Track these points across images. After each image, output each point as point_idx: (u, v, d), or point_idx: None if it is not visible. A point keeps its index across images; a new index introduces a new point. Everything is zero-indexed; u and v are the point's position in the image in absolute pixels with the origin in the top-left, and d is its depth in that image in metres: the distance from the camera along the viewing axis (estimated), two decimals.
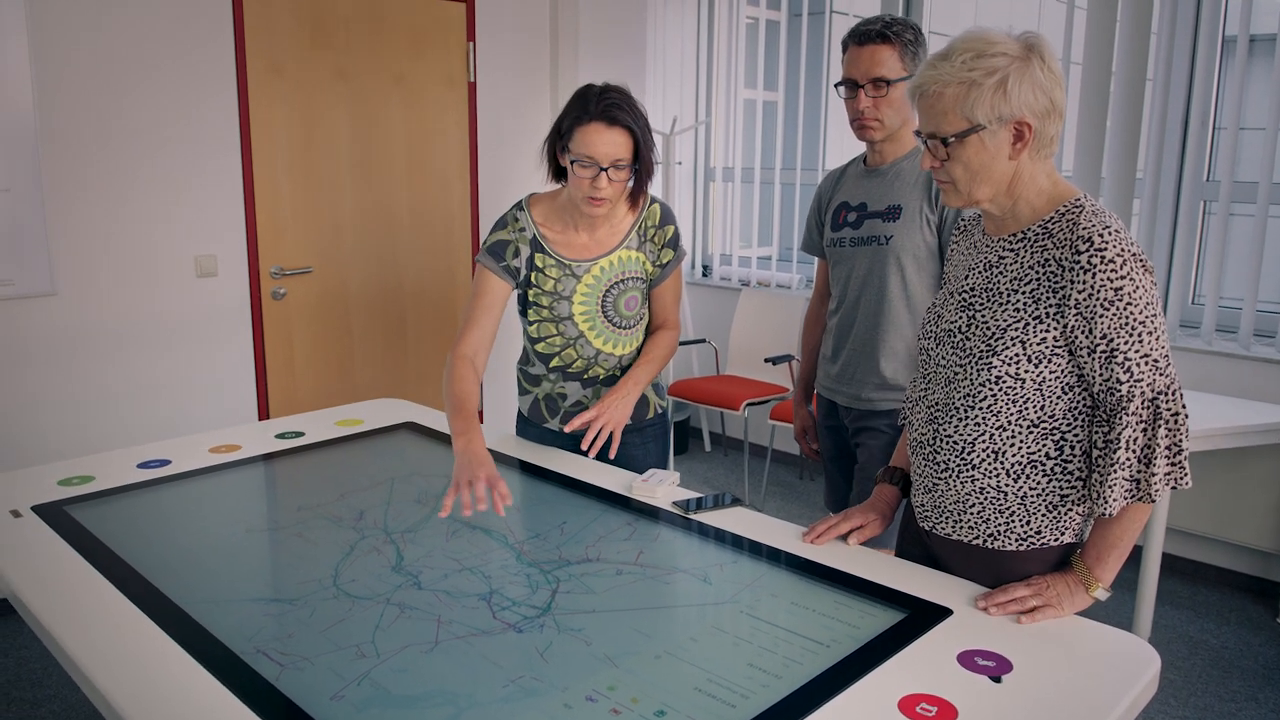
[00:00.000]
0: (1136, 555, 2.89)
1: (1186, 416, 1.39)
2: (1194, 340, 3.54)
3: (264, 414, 3.74)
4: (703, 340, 5.01)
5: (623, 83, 2.05)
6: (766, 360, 4.45)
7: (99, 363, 3.33)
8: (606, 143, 1.95)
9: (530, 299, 2.18)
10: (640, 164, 2.02)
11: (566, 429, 2.07)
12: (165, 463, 2.18)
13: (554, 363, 2.22)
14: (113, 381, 3.36)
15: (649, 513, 1.88)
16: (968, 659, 1.33)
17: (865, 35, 2.10)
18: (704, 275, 5.26)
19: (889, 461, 2.07)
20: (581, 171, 1.98)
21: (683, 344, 4.94)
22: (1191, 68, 3.51)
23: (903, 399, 2.08)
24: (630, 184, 2.07)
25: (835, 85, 2.18)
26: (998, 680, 1.28)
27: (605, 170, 1.96)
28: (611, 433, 2.05)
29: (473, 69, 4.16)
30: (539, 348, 2.23)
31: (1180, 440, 1.39)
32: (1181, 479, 1.40)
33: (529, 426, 2.36)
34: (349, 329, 3.95)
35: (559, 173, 2.10)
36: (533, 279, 2.15)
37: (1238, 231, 3.50)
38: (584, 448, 2.06)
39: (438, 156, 4.12)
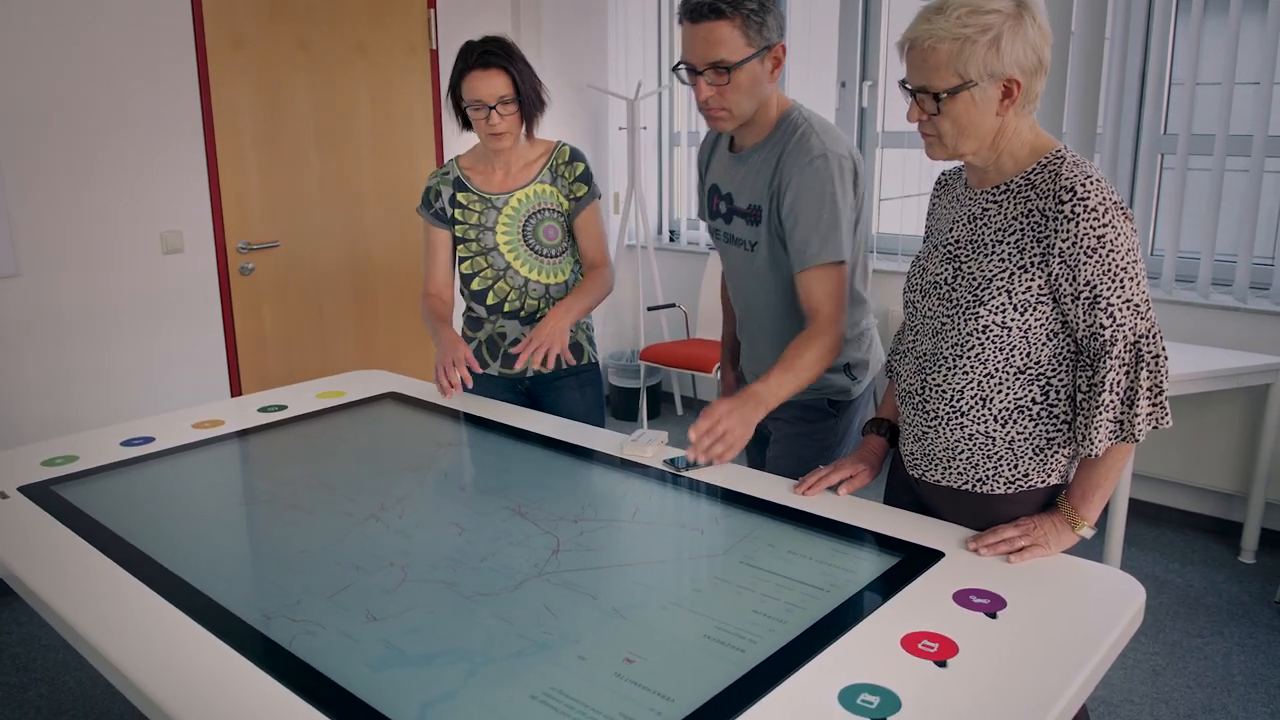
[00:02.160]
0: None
1: (1166, 359, 1.44)
2: (1154, 290, 3.62)
3: (236, 390, 3.71)
4: (672, 305, 5.03)
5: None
6: None
7: (66, 343, 3.27)
8: (486, 85, 2.23)
9: (458, 235, 2.42)
10: (522, 98, 2.26)
11: (516, 365, 2.27)
12: (149, 440, 2.17)
13: (489, 299, 2.42)
14: (81, 362, 3.31)
15: (640, 471, 1.91)
16: (963, 597, 1.38)
17: (698, 10, 1.75)
18: (671, 240, 5.27)
19: (797, 450, 2.07)
20: (476, 115, 2.27)
21: (652, 309, 4.97)
22: (1148, 24, 3.56)
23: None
24: (523, 120, 2.31)
25: (673, 68, 1.92)
26: (993, 616, 1.33)
27: (493, 108, 2.24)
28: (551, 349, 2.22)
29: (434, 36, 4.11)
30: (474, 285, 2.43)
31: (1161, 381, 1.44)
32: (1163, 419, 1.45)
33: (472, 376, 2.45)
34: (319, 302, 3.92)
35: (467, 123, 2.35)
36: (457, 215, 2.41)
37: (1195, 184, 3.58)
38: (518, 366, 2.28)
39: (401, 125, 4.08)
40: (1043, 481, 1.56)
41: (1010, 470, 1.56)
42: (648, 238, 4.97)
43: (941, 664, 1.22)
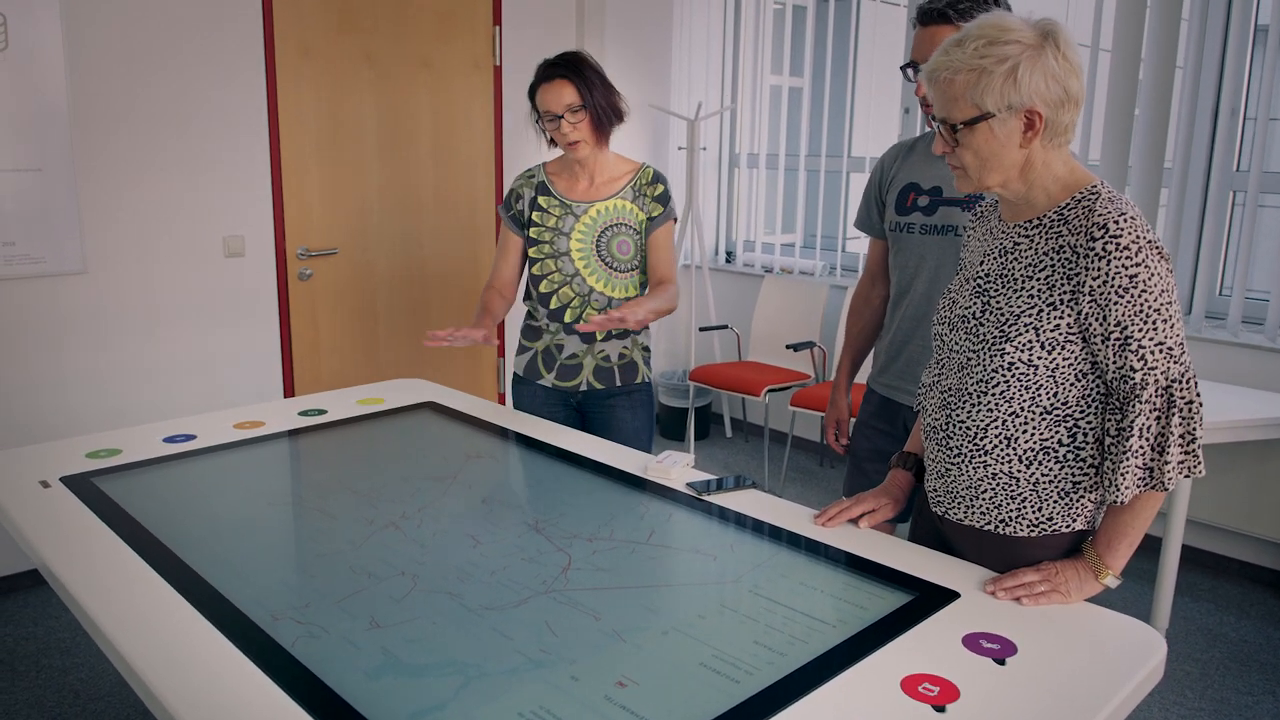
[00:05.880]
0: (1156, 547, 2.87)
1: (1201, 405, 1.39)
2: (1219, 332, 3.50)
3: (289, 392, 3.79)
4: (725, 326, 5.01)
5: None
6: (788, 347, 4.44)
7: (127, 340, 3.38)
8: (554, 96, 2.32)
9: (533, 236, 2.47)
10: (590, 107, 2.33)
11: (585, 326, 2.18)
12: (190, 437, 2.23)
13: (553, 303, 2.45)
14: (140, 359, 3.42)
15: (663, 493, 1.90)
16: (973, 641, 1.34)
17: (928, 15, 2.00)
18: (727, 261, 5.25)
19: None
20: (549, 126, 2.36)
21: (704, 329, 4.96)
22: (1222, 56, 3.46)
23: None
24: (594, 128, 2.37)
25: (901, 67, 2.13)
26: (1002, 663, 1.29)
27: (562, 117, 2.32)
28: (625, 319, 2.19)
29: (498, 53, 4.17)
30: (541, 287, 2.47)
31: (1194, 429, 1.38)
32: (1195, 468, 1.40)
33: (522, 385, 2.54)
34: (374, 310, 3.99)
35: (552, 139, 2.44)
36: (535, 218, 2.46)
37: (1266, 222, 3.46)
38: (583, 329, 2.20)
39: (463, 140, 4.15)
40: (1068, 526, 1.51)
41: (1034, 513, 1.52)
42: (703, 258, 4.97)
43: (940, 709, 1.18)
